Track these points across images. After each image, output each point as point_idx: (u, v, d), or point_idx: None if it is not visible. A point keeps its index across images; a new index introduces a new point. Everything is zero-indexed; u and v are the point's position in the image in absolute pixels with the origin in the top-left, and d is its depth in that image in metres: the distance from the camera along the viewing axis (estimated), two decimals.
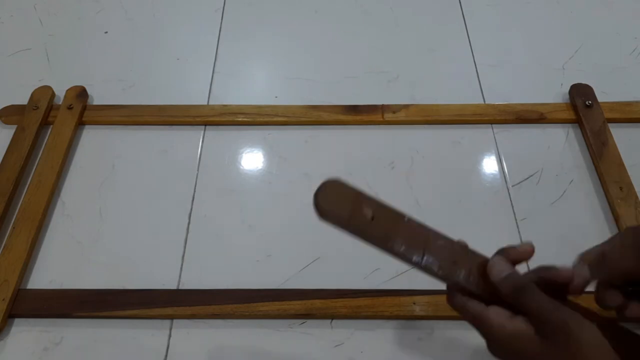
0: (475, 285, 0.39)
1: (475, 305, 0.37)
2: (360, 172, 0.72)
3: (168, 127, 0.78)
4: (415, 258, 0.39)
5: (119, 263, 0.65)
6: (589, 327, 0.33)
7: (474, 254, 0.41)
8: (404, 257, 0.39)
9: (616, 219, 0.66)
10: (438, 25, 0.91)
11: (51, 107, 0.78)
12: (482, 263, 0.40)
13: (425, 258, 0.39)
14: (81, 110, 0.78)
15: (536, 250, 0.63)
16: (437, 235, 0.41)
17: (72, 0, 0.96)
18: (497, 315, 0.36)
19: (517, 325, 0.35)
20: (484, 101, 0.80)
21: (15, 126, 0.76)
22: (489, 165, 0.73)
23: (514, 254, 0.39)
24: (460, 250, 0.41)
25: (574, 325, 0.33)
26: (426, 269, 0.39)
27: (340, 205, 0.37)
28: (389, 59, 0.86)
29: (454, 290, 0.40)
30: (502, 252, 0.40)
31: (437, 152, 0.75)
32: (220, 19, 0.92)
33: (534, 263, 0.42)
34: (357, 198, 0.38)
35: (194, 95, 0.82)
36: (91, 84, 0.82)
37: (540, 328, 0.34)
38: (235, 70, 0.85)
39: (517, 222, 0.68)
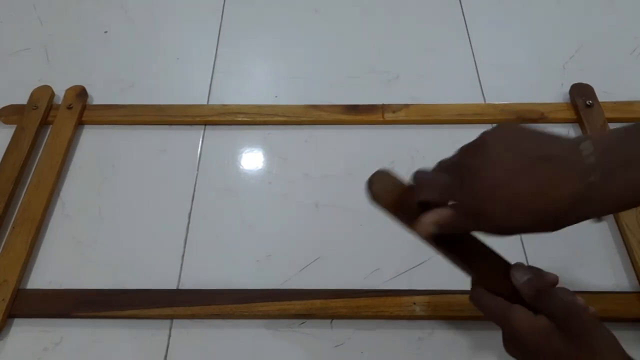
0: (496, 286, 0.41)
1: (501, 303, 0.40)
2: (360, 172, 0.71)
3: (168, 127, 0.78)
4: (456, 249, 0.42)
5: (118, 263, 0.65)
6: (605, 329, 0.37)
7: (496, 254, 0.43)
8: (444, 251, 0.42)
9: (617, 219, 0.66)
10: (438, 25, 0.91)
11: (51, 106, 0.78)
12: (503, 265, 0.42)
13: (465, 256, 0.42)
14: (81, 110, 0.78)
15: (536, 250, 0.64)
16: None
17: (72, 0, 0.96)
18: (522, 312, 0.38)
19: (542, 322, 0.38)
20: (485, 101, 0.80)
21: (14, 126, 0.76)
22: None
23: (538, 276, 0.41)
24: (484, 248, 0.43)
25: (594, 326, 0.37)
26: (460, 259, 0.41)
27: (389, 191, 0.43)
28: (389, 59, 0.86)
29: (479, 288, 0.42)
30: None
31: (437, 151, 0.72)
32: (220, 19, 0.92)
33: (534, 262, 0.42)
34: (403, 187, 0.44)
35: (193, 95, 0.81)
36: (91, 84, 0.82)
37: (562, 327, 0.37)
38: (235, 70, 0.85)
39: None
